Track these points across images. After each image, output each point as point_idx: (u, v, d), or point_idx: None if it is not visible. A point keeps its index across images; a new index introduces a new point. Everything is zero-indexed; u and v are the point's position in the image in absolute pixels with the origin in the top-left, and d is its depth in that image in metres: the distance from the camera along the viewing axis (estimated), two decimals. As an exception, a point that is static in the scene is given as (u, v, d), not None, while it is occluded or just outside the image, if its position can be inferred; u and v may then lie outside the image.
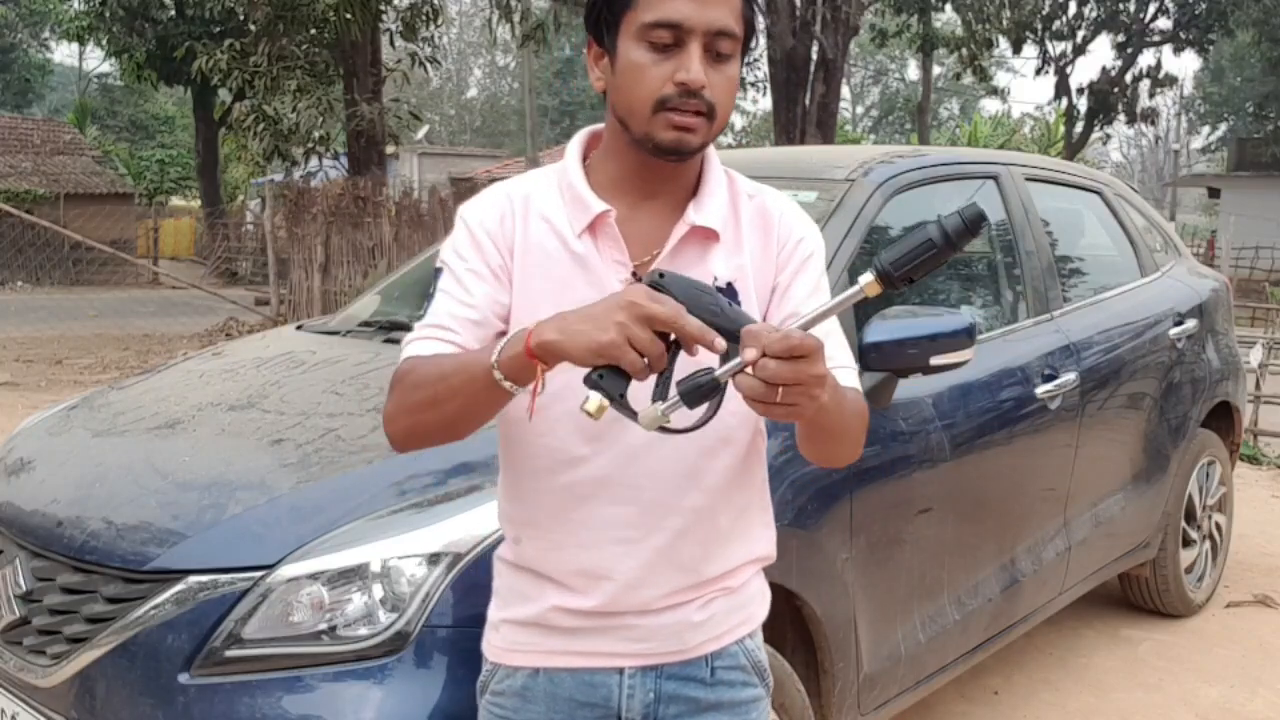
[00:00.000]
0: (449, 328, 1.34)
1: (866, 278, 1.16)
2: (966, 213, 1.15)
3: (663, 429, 1.18)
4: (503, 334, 1.35)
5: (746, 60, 1.47)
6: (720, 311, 1.17)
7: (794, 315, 1.27)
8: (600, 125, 1.46)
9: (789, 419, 1.16)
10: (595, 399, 1.14)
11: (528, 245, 1.38)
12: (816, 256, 1.44)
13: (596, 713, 1.42)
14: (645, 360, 1.12)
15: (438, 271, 1.40)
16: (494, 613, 1.50)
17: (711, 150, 1.42)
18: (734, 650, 1.46)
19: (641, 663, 1.41)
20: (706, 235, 1.39)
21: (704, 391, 1.14)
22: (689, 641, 1.42)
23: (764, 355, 1.08)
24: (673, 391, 1.15)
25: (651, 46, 1.30)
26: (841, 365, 1.39)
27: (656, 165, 1.37)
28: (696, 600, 1.42)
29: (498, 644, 1.48)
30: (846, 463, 1.40)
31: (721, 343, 1.14)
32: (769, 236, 1.43)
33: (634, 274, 1.36)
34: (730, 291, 1.37)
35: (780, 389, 1.09)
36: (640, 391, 1.17)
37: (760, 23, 1.44)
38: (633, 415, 1.16)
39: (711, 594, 1.43)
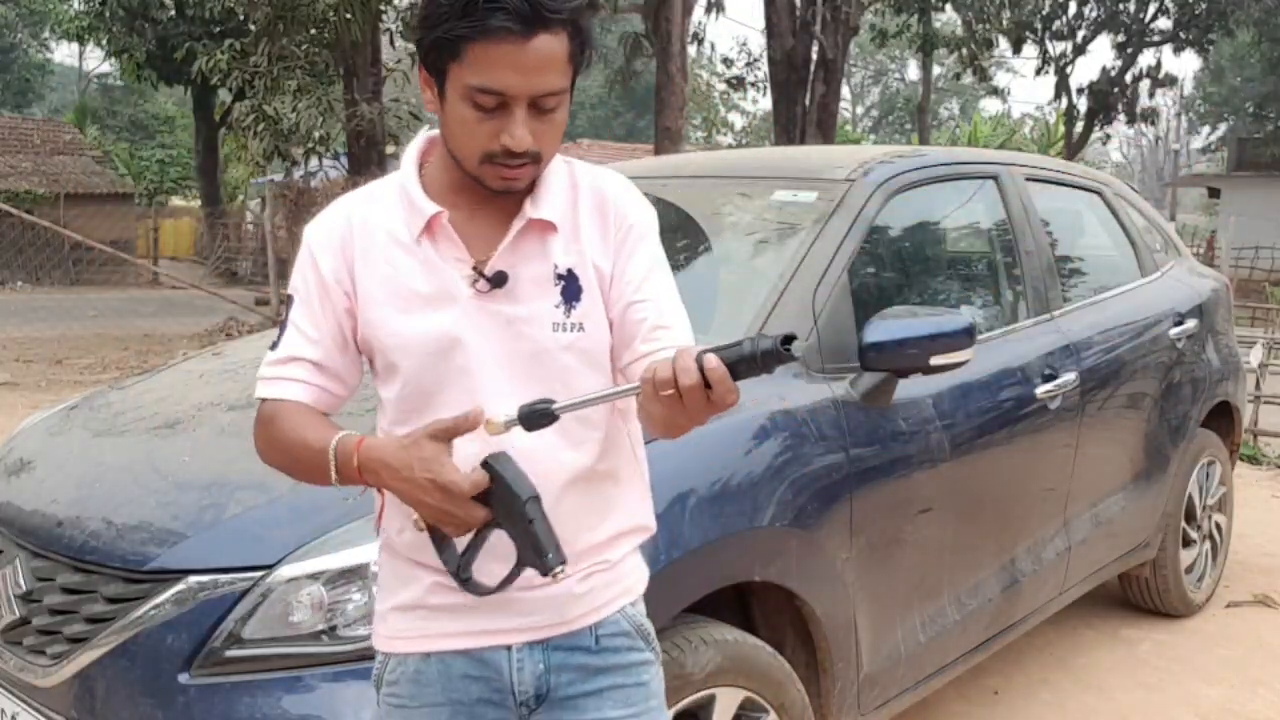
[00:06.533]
0: (298, 360, 1.45)
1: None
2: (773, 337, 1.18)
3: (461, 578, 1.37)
4: (351, 353, 1.48)
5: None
6: (530, 519, 1.29)
7: (632, 304, 1.41)
8: (437, 131, 1.48)
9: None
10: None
11: (369, 256, 1.44)
12: (649, 237, 1.49)
13: (490, 687, 1.46)
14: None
15: (289, 298, 1.47)
16: (379, 604, 1.53)
17: None
18: (615, 618, 1.50)
19: (527, 637, 1.46)
20: (544, 227, 1.43)
21: (540, 417, 1.27)
22: (570, 613, 1.46)
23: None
24: (512, 415, 1.27)
25: (477, 106, 1.33)
26: (683, 332, 1.43)
27: None
28: (576, 574, 1.45)
29: (385, 633, 1.51)
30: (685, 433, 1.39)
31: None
32: (606, 221, 1.47)
33: (475, 269, 1.40)
34: (571, 278, 1.42)
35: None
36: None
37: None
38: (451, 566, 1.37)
39: (589, 567, 1.47)
